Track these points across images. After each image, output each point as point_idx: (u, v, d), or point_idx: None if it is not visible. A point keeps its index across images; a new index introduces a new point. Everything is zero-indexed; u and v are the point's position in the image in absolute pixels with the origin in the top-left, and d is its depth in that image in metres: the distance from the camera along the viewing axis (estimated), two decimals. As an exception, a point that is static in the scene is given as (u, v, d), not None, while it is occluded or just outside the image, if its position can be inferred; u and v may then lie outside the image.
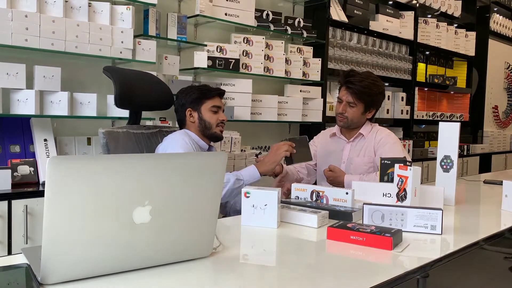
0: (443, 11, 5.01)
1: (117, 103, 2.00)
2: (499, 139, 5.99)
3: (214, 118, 2.08)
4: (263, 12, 3.46)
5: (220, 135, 2.12)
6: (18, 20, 2.29)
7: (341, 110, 2.24)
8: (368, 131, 2.28)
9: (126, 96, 2.03)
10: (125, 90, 2.01)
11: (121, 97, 1.99)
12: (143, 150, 2.04)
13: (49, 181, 0.84)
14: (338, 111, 2.27)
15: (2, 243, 2.14)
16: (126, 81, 2.04)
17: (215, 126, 2.08)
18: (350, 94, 2.22)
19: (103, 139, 1.93)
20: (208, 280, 1.01)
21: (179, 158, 1.07)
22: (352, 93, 2.21)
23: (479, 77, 5.79)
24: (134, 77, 2.15)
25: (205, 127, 2.08)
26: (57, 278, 0.90)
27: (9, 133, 2.46)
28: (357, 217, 1.53)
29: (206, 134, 2.09)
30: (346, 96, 2.23)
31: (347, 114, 2.24)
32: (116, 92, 1.97)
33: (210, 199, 1.07)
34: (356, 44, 4.14)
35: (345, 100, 2.23)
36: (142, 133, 2.09)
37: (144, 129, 2.11)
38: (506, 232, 1.52)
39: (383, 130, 2.29)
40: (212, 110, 2.08)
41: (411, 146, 4.54)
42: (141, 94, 2.12)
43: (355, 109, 2.23)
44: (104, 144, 1.93)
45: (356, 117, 2.24)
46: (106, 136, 1.93)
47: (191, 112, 2.09)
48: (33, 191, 2.25)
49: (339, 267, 1.11)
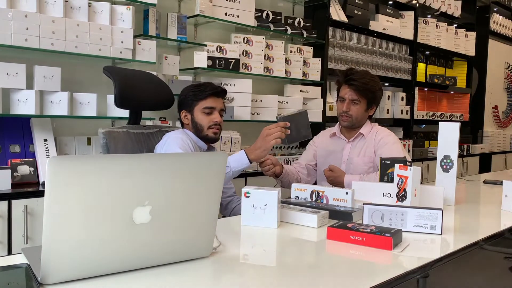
0: (443, 11, 5.01)
1: (117, 103, 2.00)
2: (499, 139, 5.99)
3: (206, 120, 2.01)
4: (263, 12, 3.46)
5: (213, 137, 2.04)
6: (18, 20, 2.29)
7: (346, 108, 2.23)
8: (368, 131, 2.28)
9: (126, 96, 2.02)
10: (125, 90, 2.01)
11: (121, 96, 1.98)
12: (143, 150, 2.04)
13: (49, 181, 0.84)
14: (342, 110, 2.25)
15: (2, 243, 2.14)
16: (126, 81, 2.04)
17: (206, 128, 2.01)
18: (353, 91, 2.21)
19: (102, 139, 1.93)
20: (208, 280, 1.01)
21: (179, 158, 1.07)
22: (355, 90, 2.20)
23: (479, 77, 5.79)
24: (134, 76, 2.14)
25: (197, 129, 2.03)
26: (57, 278, 0.90)
27: (9, 133, 2.46)
28: (357, 217, 1.53)
29: (199, 136, 2.04)
30: (350, 94, 2.22)
31: (351, 112, 2.23)
32: (116, 92, 1.97)
33: (210, 199, 1.07)
34: (356, 44, 4.14)
35: (349, 98, 2.22)
36: (142, 133, 2.08)
37: (144, 129, 2.10)
38: (506, 232, 1.52)
39: (383, 130, 2.29)
40: (204, 112, 2.01)
41: (411, 146, 4.54)
42: (141, 94, 2.11)
43: (358, 106, 2.22)
44: (104, 144, 1.93)
45: (360, 114, 2.24)
46: (106, 136, 1.93)
47: (186, 114, 2.06)
48: (33, 191, 2.25)
49: (339, 267, 1.11)
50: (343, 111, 2.24)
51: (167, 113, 2.97)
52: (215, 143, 2.13)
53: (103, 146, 1.94)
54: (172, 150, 1.89)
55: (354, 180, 1.95)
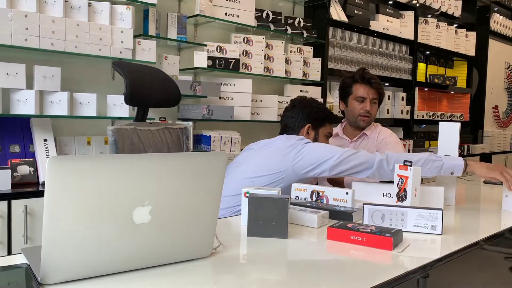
0: (443, 11, 5.00)
1: (127, 100, 1.93)
2: (499, 139, 5.99)
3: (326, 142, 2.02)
4: (263, 12, 3.46)
5: None
6: (18, 20, 2.29)
7: (368, 108, 2.23)
8: (372, 131, 2.29)
9: (136, 93, 1.95)
10: (135, 86, 1.93)
11: (131, 93, 1.90)
12: (149, 148, 2.02)
13: (49, 181, 0.84)
14: (365, 110, 2.24)
15: (2, 243, 2.14)
16: (136, 77, 1.97)
17: None
18: (374, 90, 2.23)
19: (112, 137, 1.89)
20: (208, 280, 1.01)
21: (179, 158, 1.07)
22: (376, 89, 2.23)
23: (479, 77, 5.79)
24: (144, 72, 2.07)
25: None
26: (57, 278, 0.90)
27: (9, 133, 2.46)
28: (357, 217, 1.53)
29: None
30: (372, 93, 2.23)
31: (372, 112, 2.24)
32: (127, 88, 1.89)
33: (210, 199, 1.07)
34: (356, 44, 4.14)
35: (371, 97, 2.23)
36: (149, 130, 2.06)
37: (151, 126, 2.07)
38: (506, 232, 1.52)
39: (385, 130, 2.30)
40: (327, 136, 2.03)
41: (411, 146, 4.54)
42: (151, 91, 2.04)
43: (376, 106, 2.26)
44: (113, 142, 1.89)
45: (375, 114, 2.28)
46: (115, 134, 1.89)
47: (309, 129, 2.02)
48: (33, 191, 2.25)
49: (339, 267, 1.11)
50: (365, 110, 2.23)
51: (167, 113, 2.97)
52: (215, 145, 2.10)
53: (111, 144, 1.90)
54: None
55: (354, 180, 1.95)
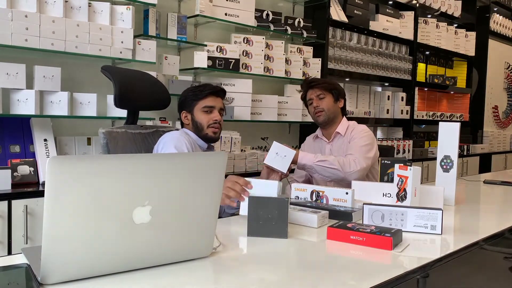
0: (443, 11, 5.01)
1: (116, 103, 2.00)
2: (499, 139, 5.99)
3: (205, 118, 2.01)
4: (263, 12, 3.46)
5: (213, 137, 2.04)
6: (18, 20, 2.29)
7: (315, 104, 2.33)
8: (345, 129, 2.34)
9: (125, 96, 2.02)
10: (124, 90, 2.01)
11: (121, 97, 1.98)
12: (141, 150, 2.04)
13: (49, 181, 0.84)
14: (314, 107, 2.34)
15: (2, 243, 2.14)
16: (125, 81, 2.04)
17: (206, 127, 2.01)
18: (317, 88, 2.34)
19: (103, 140, 1.93)
20: (208, 280, 1.01)
21: (179, 158, 1.07)
22: (318, 88, 2.33)
23: (479, 77, 5.79)
24: (132, 77, 2.15)
25: (197, 128, 2.03)
26: (57, 278, 0.90)
27: (9, 133, 2.46)
28: (357, 217, 1.53)
29: (199, 136, 2.05)
30: (314, 92, 2.34)
31: (322, 106, 2.32)
32: (116, 92, 1.97)
33: (210, 199, 1.07)
34: (356, 44, 4.14)
35: (315, 95, 2.34)
36: (140, 133, 2.08)
37: (142, 129, 2.10)
38: (506, 232, 1.52)
39: (358, 127, 2.34)
40: (203, 111, 2.02)
41: (411, 146, 4.54)
42: (140, 94, 2.11)
43: (326, 99, 2.33)
44: (105, 144, 1.93)
45: (331, 106, 2.33)
46: (106, 136, 1.93)
47: (186, 114, 2.07)
48: (33, 191, 2.25)
49: (339, 267, 1.11)
50: (314, 107, 2.34)
51: (167, 113, 2.97)
52: (215, 143, 2.13)
53: (103, 146, 1.94)
54: (167, 150, 1.89)
55: (308, 157, 2.07)
